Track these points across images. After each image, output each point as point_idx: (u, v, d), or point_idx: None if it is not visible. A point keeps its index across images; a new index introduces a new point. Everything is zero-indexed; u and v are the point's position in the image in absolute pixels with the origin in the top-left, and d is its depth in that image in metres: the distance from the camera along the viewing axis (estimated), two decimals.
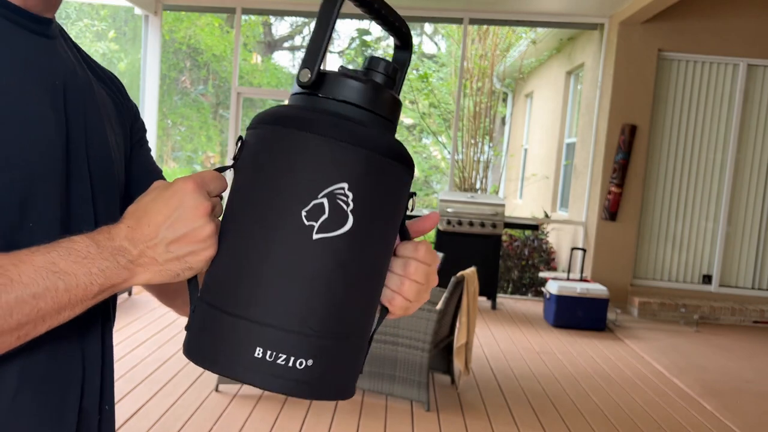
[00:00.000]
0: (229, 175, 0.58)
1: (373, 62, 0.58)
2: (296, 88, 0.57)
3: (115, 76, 0.79)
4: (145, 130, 0.79)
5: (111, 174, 0.66)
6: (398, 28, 0.63)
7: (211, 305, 0.54)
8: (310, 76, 0.55)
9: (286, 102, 0.60)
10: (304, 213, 0.51)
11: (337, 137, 0.52)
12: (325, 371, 0.53)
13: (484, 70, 9.38)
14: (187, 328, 0.56)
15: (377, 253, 0.56)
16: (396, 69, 0.59)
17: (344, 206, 0.52)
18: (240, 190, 0.55)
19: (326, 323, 0.53)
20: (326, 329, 0.53)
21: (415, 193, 0.59)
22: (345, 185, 0.52)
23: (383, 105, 0.57)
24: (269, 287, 0.52)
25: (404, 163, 0.56)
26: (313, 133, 0.52)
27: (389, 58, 0.63)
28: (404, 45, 0.65)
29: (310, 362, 0.52)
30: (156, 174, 0.77)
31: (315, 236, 0.51)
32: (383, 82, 0.58)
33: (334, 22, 0.55)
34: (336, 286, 0.53)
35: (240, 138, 0.57)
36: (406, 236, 0.61)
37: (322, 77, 0.55)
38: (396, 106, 0.59)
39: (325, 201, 0.52)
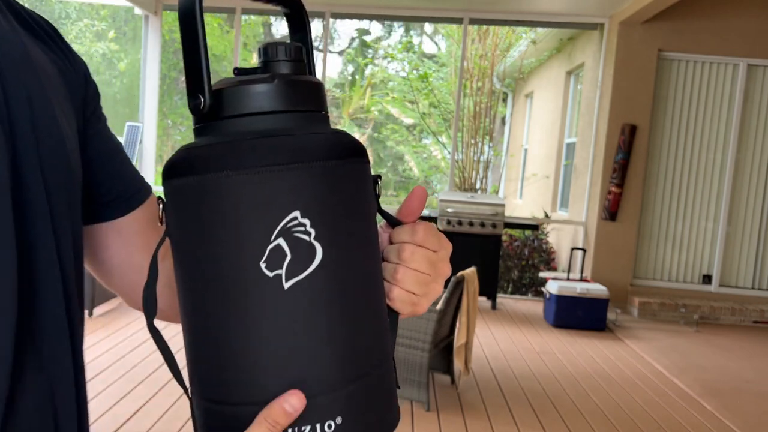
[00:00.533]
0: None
1: (268, 52, 0.48)
2: (197, 121, 0.48)
3: (47, 21, 0.59)
4: (98, 95, 0.64)
5: (68, 171, 0.53)
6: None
7: (207, 399, 0.46)
8: (203, 100, 0.46)
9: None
10: (263, 265, 0.43)
11: (261, 163, 0.43)
12: (358, 417, 0.46)
13: (484, 70, 9.38)
14: (195, 427, 0.49)
15: (364, 263, 0.48)
16: (299, 48, 0.49)
17: (305, 237, 0.44)
18: (182, 265, 0.46)
19: (340, 372, 0.45)
20: (343, 378, 0.45)
21: (379, 176, 0.51)
22: (296, 214, 0.44)
23: (302, 97, 0.48)
24: (262, 363, 0.44)
25: (352, 154, 0.48)
26: (233, 170, 0.43)
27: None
28: (294, 13, 0.54)
29: (339, 420, 0.45)
30: (117, 154, 0.64)
31: (286, 285, 0.43)
32: (290, 69, 0.48)
33: (203, 30, 0.46)
34: (334, 327, 0.45)
35: (159, 199, 0.48)
36: (394, 222, 0.53)
37: (219, 95, 0.46)
38: (318, 91, 0.50)
39: (281, 241, 0.44)
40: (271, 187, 0.43)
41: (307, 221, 0.44)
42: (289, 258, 0.44)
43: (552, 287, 5.10)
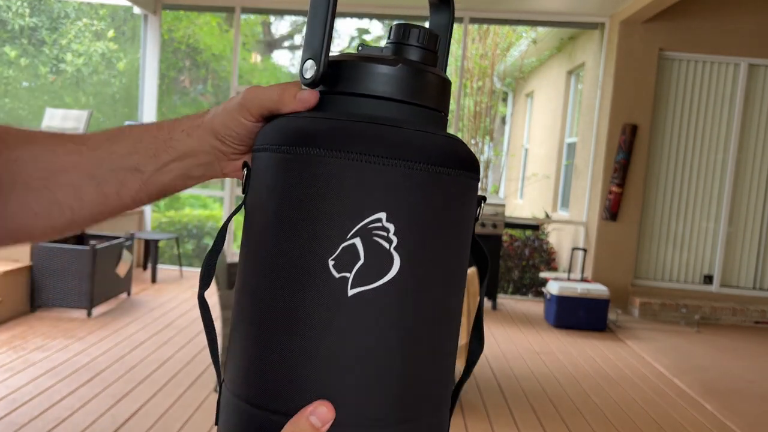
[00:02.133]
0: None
1: (402, 32, 0.44)
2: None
3: None
4: None
5: None
6: None
7: (238, 396, 0.42)
8: (316, 68, 0.42)
9: None
10: (331, 263, 0.39)
11: (361, 151, 0.39)
12: None
13: (484, 69, 9.36)
14: (217, 421, 0.45)
15: (444, 291, 0.42)
16: (435, 36, 0.45)
17: (385, 244, 0.39)
18: (249, 240, 0.43)
19: (387, 409, 0.40)
20: (388, 416, 0.40)
21: (484, 198, 0.46)
22: (382, 215, 0.39)
23: (424, 91, 0.43)
24: (303, 375, 0.39)
25: (464, 166, 0.42)
26: (328, 150, 0.39)
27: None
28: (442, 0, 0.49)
29: None
30: None
31: (351, 292, 0.39)
32: (420, 58, 0.44)
33: None
34: (394, 356, 0.39)
35: (245, 164, 0.45)
36: (478, 251, 0.48)
37: (336, 66, 0.43)
38: (443, 88, 0.45)
39: (357, 241, 0.39)
40: (360, 178, 0.39)
41: (391, 227, 0.39)
42: (361, 262, 0.39)
43: (552, 287, 5.09)
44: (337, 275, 0.39)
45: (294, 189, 0.40)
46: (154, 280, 5.55)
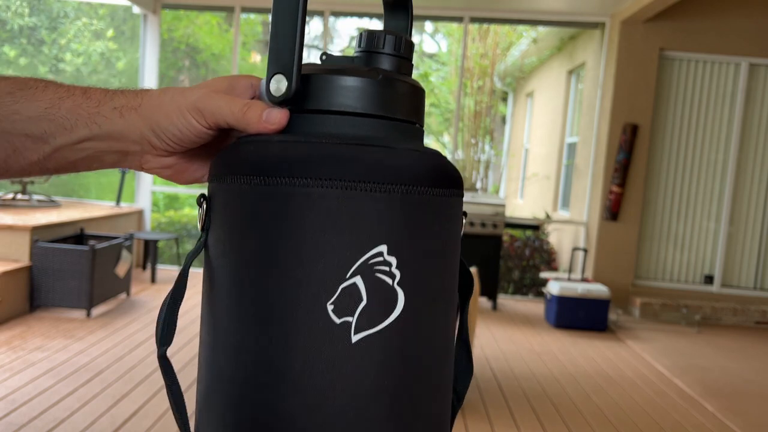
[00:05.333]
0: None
1: (374, 40, 0.39)
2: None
3: None
4: None
5: None
6: None
7: None
8: (288, 85, 0.37)
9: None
10: (330, 308, 0.35)
11: (356, 178, 0.35)
12: None
13: (484, 69, 9.35)
14: None
15: (445, 318, 0.39)
16: (411, 44, 0.41)
17: (388, 280, 0.35)
18: (220, 287, 0.37)
19: None
20: None
21: (465, 213, 0.43)
22: (383, 248, 0.35)
23: (404, 104, 0.40)
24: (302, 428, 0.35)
25: (451, 183, 0.39)
26: (316, 180, 0.34)
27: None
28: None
29: None
30: None
31: (354, 338, 0.35)
32: (397, 67, 0.40)
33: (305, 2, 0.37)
34: (400, 400, 0.36)
35: (202, 197, 0.40)
36: (463, 270, 0.45)
37: (306, 81, 0.38)
38: (421, 99, 0.42)
39: (358, 280, 0.35)
40: (356, 208, 0.34)
41: (393, 260, 0.35)
42: (364, 303, 0.35)
43: (553, 288, 5.08)
44: (338, 321, 0.35)
45: (277, 225, 0.35)
46: (153, 280, 5.54)
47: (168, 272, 6.08)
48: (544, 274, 6.14)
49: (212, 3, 6.76)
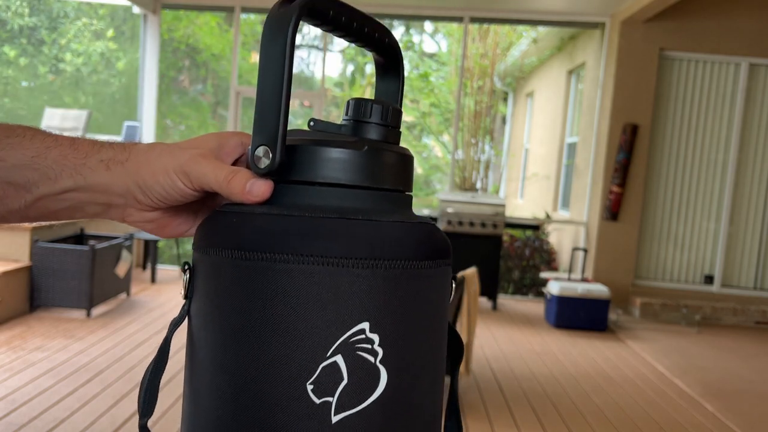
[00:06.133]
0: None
1: (361, 109, 0.39)
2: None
3: None
4: None
5: None
6: (378, 41, 0.43)
7: None
8: (272, 157, 0.37)
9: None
10: (309, 387, 0.34)
11: (337, 254, 0.34)
12: None
13: (484, 69, 9.35)
14: None
15: (431, 388, 0.39)
16: (399, 112, 0.41)
17: (370, 358, 0.35)
18: (201, 360, 0.37)
19: None
20: None
21: (455, 278, 0.43)
22: (365, 326, 0.34)
23: (391, 174, 0.39)
24: None
25: (439, 254, 0.38)
26: (296, 256, 0.34)
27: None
28: (391, 63, 0.45)
29: None
30: None
31: (335, 418, 0.34)
32: (384, 136, 0.40)
33: (291, 64, 0.36)
34: None
35: (186, 265, 0.39)
36: (453, 338, 0.44)
37: (291, 151, 0.37)
38: (408, 167, 0.41)
39: (339, 359, 0.34)
40: (338, 285, 0.34)
41: (375, 337, 0.35)
42: (345, 383, 0.34)
43: (553, 288, 5.08)
44: (317, 401, 0.34)
45: (257, 302, 0.35)
46: (153, 280, 5.54)
47: (168, 272, 6.07)
48: (544, 274, 6.14)
49: (212, 3, 6.76)
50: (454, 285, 0.42)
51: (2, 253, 4.22)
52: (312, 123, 0.40)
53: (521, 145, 10.59)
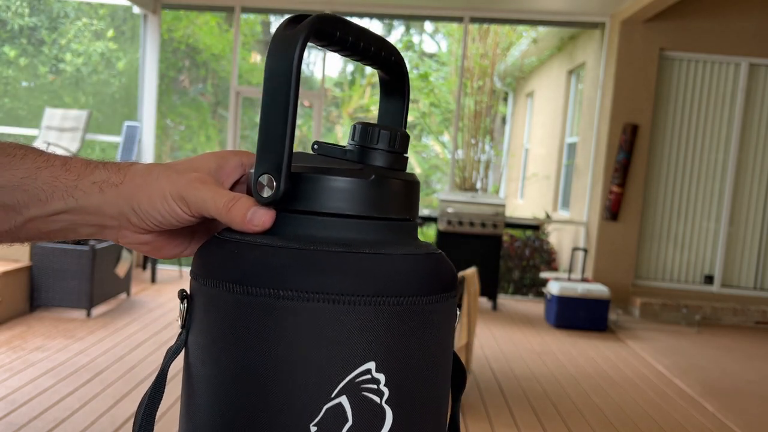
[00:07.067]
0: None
1: (370, 135, 0.38)
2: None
3: None
4: None
5: None
6: (384, 59, 0.41)
7: None
8: (277, 186, 0.36)
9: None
10: (313, 429, 0.33)
11: (342, 291, 0.33)
12: None
13: (484, 69, 9.35)
14: None
15: (435, 423, 0.38)
16: (405, 138, 0.39)
17: (376, 398, 0.34)
18: (198, 396, 0.36)
19: None
20: None
21: (460, 305, 0.42)
22: (371, 365, 0.33)
23: (398, 203, 0.38)
24: None
25: (445, 288, 0.37)
26: (299, 292, 0.33)
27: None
28: (396, 82, 0.43)
29: None
30: None
31: None
32: (391, 163, 0.38)
33: (296, 93, 0.35)
34: None
35: (183, 294, 0.38)
36: (457, 367, 0.43)
37: (296, 179, 0.36)
38: (415, 194, 0.40)
39: (344, 400, 0.33)
40: (343, 323, 0.32)
41: (382, 377, 0.33)
42: (349, 424, 0.33)
43: (553, 288, 5.08)
44: None
45: (259, 340, 0.33)
46: (153, 280, 5.54)
47: (168, 272, 6.07)
48: (544, 274, 6.14)
49: (212, 3, 6.76)
50: (459, 313, 0.41)
51: (2, 253, 4.22)
52: (316, 146, 0.39)
53: (521, 145, 10.58)
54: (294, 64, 0.35)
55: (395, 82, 0.43)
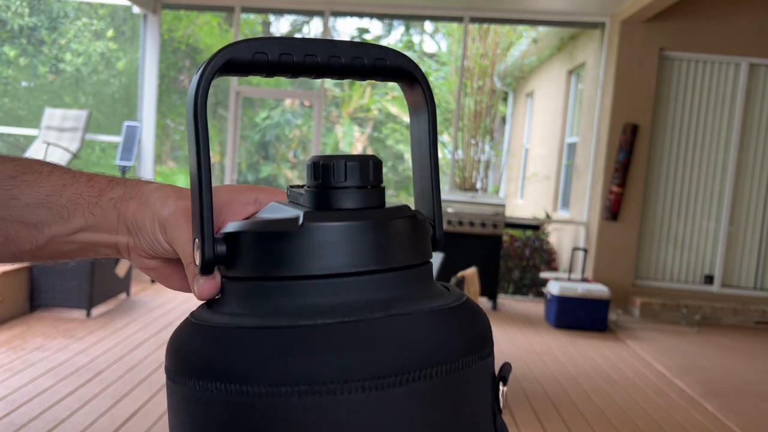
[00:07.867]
0: None
1: (332, 172, 0.30)
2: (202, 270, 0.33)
3: None
4: None
5: None
6: (377, 68, 0.34)
7: None
8: (201, 254, 0.31)
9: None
10: None
11: (361, 376, 0.26)
12: None
13: (484, 69, 9.35)
14: None
15: None
16: (378, 164, 0.32)
17: None
18: None
19: None
20: None
21: (504, 378, 0.35)
22: None
23: (391, 246, 0.30)
24: None
25: (485, 342, 0.32)
26: (308, 386, 0.26)
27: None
28: (408, 88, 0.36)
29: None
30: None
31: None
32: (368, 201, 0.31)
33: (206, 144, 0.32)
34: None
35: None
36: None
37: (232, 242, 0.31)
38: (417, 229, 0.33)
39: None
40: (366, 414, 0.26)
41: None
42: None
43: (553, 288, 5.08)
44: None
45: None
46: (153, 280, 5.53)
47: None
48: (544, 274, 6.14)
49: (212, 3, 6.76)
50: (503, 387, 0.34)
51: None
52: (290, 189, 0.34)
53: (521, 145, 10.58)
54: (193, 113, 0.31)
55: (406, 91, 0.37)
